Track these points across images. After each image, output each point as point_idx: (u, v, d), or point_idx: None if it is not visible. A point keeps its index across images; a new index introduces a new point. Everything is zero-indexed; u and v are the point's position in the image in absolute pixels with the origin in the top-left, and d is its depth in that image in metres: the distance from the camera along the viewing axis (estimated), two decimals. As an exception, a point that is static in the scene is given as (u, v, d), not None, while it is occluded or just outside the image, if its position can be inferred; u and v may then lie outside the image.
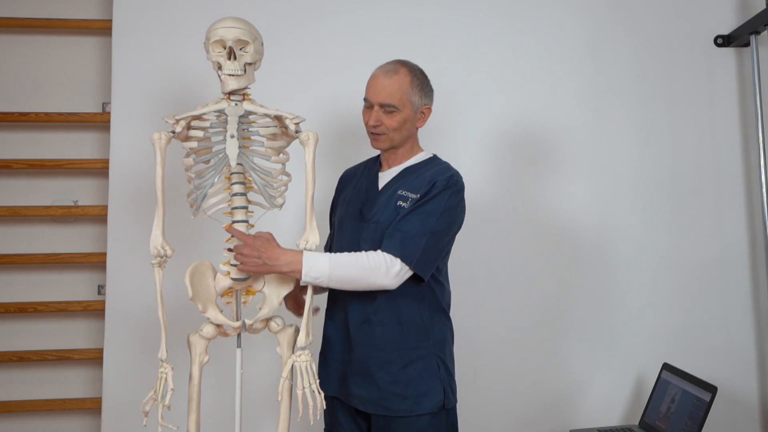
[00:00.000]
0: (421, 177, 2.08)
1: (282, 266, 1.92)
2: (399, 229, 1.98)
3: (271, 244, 1.95)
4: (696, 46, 3.12)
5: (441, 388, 2.05)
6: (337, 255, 1.98)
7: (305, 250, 1.96)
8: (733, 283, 3.04)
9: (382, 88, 2.07)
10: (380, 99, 2.06)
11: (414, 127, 2.15)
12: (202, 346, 2.01)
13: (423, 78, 2.14)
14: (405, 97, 2.07)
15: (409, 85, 2.08)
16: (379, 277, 1.94)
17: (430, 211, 2.00)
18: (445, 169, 2.10)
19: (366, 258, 1.94)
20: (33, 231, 2.92)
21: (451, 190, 2.03)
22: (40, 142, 2.92)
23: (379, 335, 2.05)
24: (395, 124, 2.07)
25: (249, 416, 2.61)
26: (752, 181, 3.07)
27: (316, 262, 1.93)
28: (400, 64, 2.12)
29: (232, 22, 1.95)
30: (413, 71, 2.12)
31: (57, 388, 2.87)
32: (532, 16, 3.05)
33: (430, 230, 1.98)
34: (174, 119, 1.97)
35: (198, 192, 1.98)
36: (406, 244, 1.95)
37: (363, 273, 1.94)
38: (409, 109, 2.09)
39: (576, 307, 2.97)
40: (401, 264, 1.94)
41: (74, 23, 2.92)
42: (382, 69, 2.12)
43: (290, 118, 2.03)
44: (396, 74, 2.08)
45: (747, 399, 2.99)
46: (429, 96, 2.16)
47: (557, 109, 3.02)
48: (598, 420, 2.94)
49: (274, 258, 1.92)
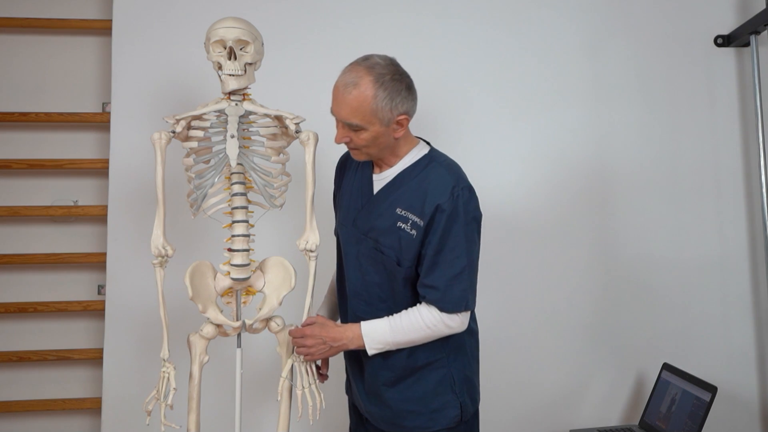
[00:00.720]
0: (419, 190, 1.88)
1: (348, 345, 1.91)
2: (434, 285, 1.84)
3: (328, 328, 1.93)
4: (696, 46, 3.12)
5: (457, 402, 1.94)
6: (395, 319, 1.88)
7: (363, 322, 1.91)
8: (733, 283, 3.04)
9: (342, 105, 1.83)
10: (342, 117, 1.84)
11: (392, 138, 1.89)
12: (202, 346, 2.01)
13: (393, 84, 1.82)
14: (368, 114, 1.81)
15: (372, 100, 1.80)
16: (444, 331, 1.86)
17: (454, 245, 1.83)
18: (445, 180, 1.87)
19: (421, 319, 1.85)
20: (33, 231, 2.92)
21: (461, 202, 1.84)
22: (40, 142, 2.92)
23: (389, 354, 1.93)
24: (364, 142, 1.86)
25: (249, 416, 2.61)
26: (752, 181, 3.07)
27: (377, 333, 1.87)
28: (364, 71, 1.82)
29: (232, 22, 1.96)
30: (378, 80, 1.81)
31: (57, 388, 2.87)
32: (532, 16, 3.05)
33: (465, 264, 1.84)
34: (174, 119, 1.97)
35: (198, 192, 1.98)
36: (450, 296, 1.83)
37: (426, 333, 1.86)
38: (377, 125, 1.83)
39: (576, 307, 2.97)
40: (458, 314, 1.86)
41: (74, 23, 2.92)
42: (342, 79, 1.85)
43: (290, 118, 2.03)
44: (356, 88, 1.80)
45: (747, 399, 2.99)
46: (405, 102, 1.86)
47: (557, 109, 3.02)
48: (598, 420, 2.94)
49: (338, 339, 1.90)
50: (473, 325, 2.03)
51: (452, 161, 1.97)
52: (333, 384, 2.24)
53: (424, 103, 2.91)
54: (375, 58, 1.86)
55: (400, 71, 1.87)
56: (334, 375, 2.24)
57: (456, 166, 1.95)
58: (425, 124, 2.89)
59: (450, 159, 1.98)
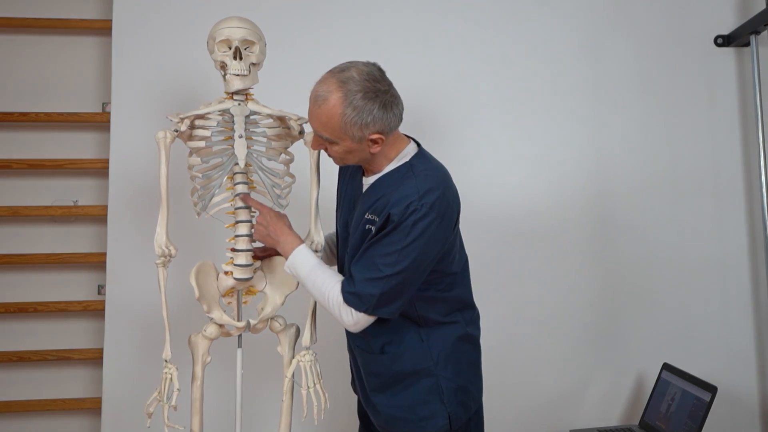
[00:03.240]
0: (386, 197, 1.81)
1: (279, 244, 1.92)
2: (353, 274, 1.80)
3: (281, 221, 1.94)
4: (696, 46, 3.12)
5: (445, 412, 1.89)
6: (319, 270, 1.86)
7: (303, 245, 1.90)
8: (733, 283, 3.05)
9: (312, 117, 1.78)
10: (313, 127, 1.80)
11: (368, 153, 1.81)
12: (205, 347, 2.01)
13: (364, 103, 1.72)
14: (337, 131, 1.75)
15: (339, 117, 1.72)
16: (337, 317, 1.83)
17: (386, 251, 1.75)
18: (408, 192, 1.77)
19: (327, 292, 1.81)
20: (33, 231, 2.91)
21: (412, 218, 1.73)
22: (40, 142, 2.92)
23: (375, 361, 1.92)
24: (337, 154, 1.82)
25: (249, 416, 2.61)
26: (752, 181, 3.08)
27: (300, 261, 1.87)
28: (335, 86, 1.73)
29: (238, 22, 1.96)
30: (348, 97, 1.71)
31: (57, 388, 2.87)
32: (532, 16, 3.05)
33: (389, 272, 1.74)
34: (178, 117, 1.97)
35: (204, 191, 1.98)
36: (359, 291, 1.77)
37: (325, 304, 1.84)
38: (348, 141, 1.76)
39: (576, 307, 2.98)
40: (357, 313, 1.79)
41: (74, 23, 2.91)
42: (315, 90, 1.77)
43: (294, 119, 2.03)
44: (325, 103, 1.73)
45: (747, 399, 3.00)
46: (378, 122, 1.74)
47: (557, 109, 3.02)
48: (598, 420, 2.95)
49: (277, 234, 1.92)
50: (472, 330, 2.00)
51: (432, 170, 1.86)
52: (335, 384, 2.24)
53: (422, 103, 2.95)
54: (352, 71, 1.75)
55: (376, 88, 1.74)
56: (338, 374, 2.24)
57: (434, 175, 1.83)
58: (424, 124, 2.90)
59: (432, 166, 1.88)
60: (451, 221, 1.85)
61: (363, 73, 1.74)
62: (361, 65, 1.78)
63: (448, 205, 1.81)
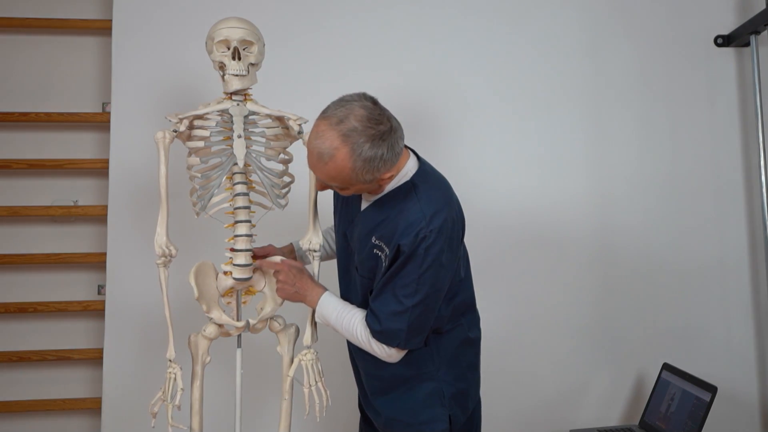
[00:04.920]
0: (393, 222, 1.79)
1: (305, 299, 1.94)
2: (376, 311, 1.80)
3: (304, 275, 1.95)
4: (696, 46, 3.12)
5: (446, 415, 1.91)
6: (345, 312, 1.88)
7: (327, 292, 1.93)
8: (733, 284, 3.05)
9: (318, 171, 1.72)
10: (320, 179, 1.76)
11: (376, 186, 1.80)
12: (204, 347, 2.01)
13: (373, 152, 1.66)
14: (349, 180, 1.71)
15: (350, 171, 1.67)
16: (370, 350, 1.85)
17: (404, 282, 1.75)
18: (415, 219, 1.74)
19: (356, 330, 1.84)
20: (33, 231, 2.91)
21: (423, 246, 1.72)
22: (40, 142, 2.92)
23: (376, 363, 1.91)
24: (349, 193, 1.82)
25: (249, 416, 2.61)
26: (752, 181, 3.08)
27: (326, 310, 1.90)
28: (339, 141, 1.64)
29: (237, 23, 1.96)
30: (356, 151, 1.65)
31: (57, 388, 2.87)
32: (532, 16, 3.05)
33: (411, 304, 1.75)
34: (177, 118, 1.96)
35: (203, 191, 1.97)
36: (386, 329, 1.78)
37: (356, 342, 1.87)
38: (360, 184, 1.74)
39: (576, 307, 2.98)
40: (388, 348, 1.81)
41: (74, 23, 2.92)
42: (315, 146, 1.68)
43: (293, 119, 2.03)
44: (332, 160, 1.66)
45: (747, 399, 3.00)
46: (387, 163, 1.70)
47: (557, 109, 3.02)
48: (598, 420, 2.95)
49: (303, 290, 1.93)
50: (474, 333, 2.01)
51: (435, 189, 1.83)
52: (336, 383, 2.24)
53: (422, 104, 2.95)
54: (351, 120, 1.65)
55: (380, 131, 1.67)
56: (339, 373, 2.24)
57: (437, 195, 1.81)
58: (423, 126, 2.90)
59: (434, 185, 1.85)
60: (459, 239, 1.88)
61: (363, 119, 1.65)
62: (356, 108, 1.67)
63: (454, 224, 1.81)
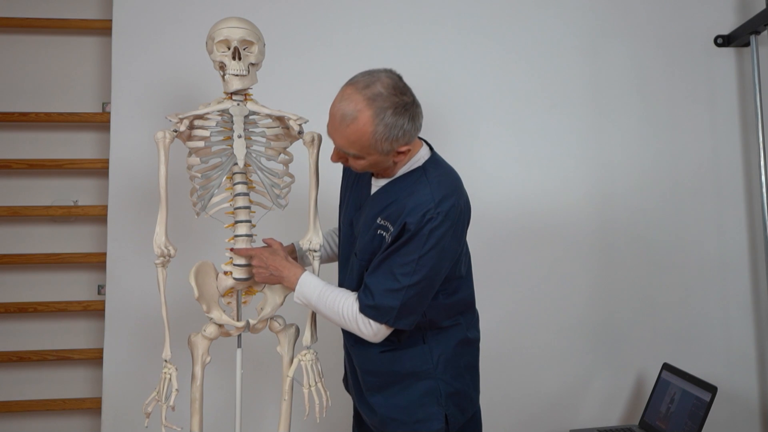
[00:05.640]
0: (399, 203, 1.80)
1: (284, 279, 1.92)
2: (370, 286, 1.78)
3: (277, 256, 1.94)
4: (696, 46, 3.12)
5: (442, 415, 1.88)
6: (328, 290, 1.86)
7: (307, 271, 1.92)
8: (733, 283, 3.05)
9: (338, 135, 1.74)
10: (338, 144, 1.77)
11: (391, 162, 1.81)
12: (204, 347, 2.01)
13: (395, 120, 1.70)
14: (366, 148, 1.73)
15: (370, 135, 1.69)
16: (356, 331, 1.82)
17: (403, 260, 1.74)
18: (424, 200, 1.76)
19: (342, 306, 1.82)
20: (33, 231, 2.91)
21: (429, 227, 1.73)
22: (40, 142, 2.92)
23: (373, 359, 1.91)
24: (361, 167, 1.80)
25: (249, 416, 2.61)
26: (752, 181, 3.08)
27: (308, 288, 1.87)
28: (364, 104, 1.69)
29: (237, 23, 1.96)
30: (379, 115, 1.69)
31: (57, 388, 2.87)
32: (532, 16, 3.05)
33: (407, 283, 1.74)
34: (177, 118, 1.96)
35: (204, 192, 1.98)
36: (378, 304, 1.76)
37: (341, 321, 1.83)
38: (375, 154, 1.75)
39: (576, 306, 2.98)
40: (376, 324, 1.78)
41: (74, 23, 2.91)
42: (340, 108, 1.72)
43: (294, 119, 2.02)
44: (354, 122, 1.69)
45: (747, 399, 3.00)
46: (406, 135, 1.74)
47: (557, 109, 3.02)
48: (598, 420, 2.95)
49: (278, 270, 1.91)
50: (472, 333, 1.99)
51: (446, 176, 1.86)
52: (336, 384, 2.24)
53: (422, 104, 2.92)
54: (378, 86, 1.70)
55: (404, 102, 1.73)
56: (338, 373, 2.24)
57: (447, 182, 1.83)
58: (424, 125, 2.88)
59: (445, 172, 1.87)
60: (464, 229, 1.87)
61: (389, 87, 1.71)
62: (383, 77, 1.73)
63: (461, 212, 1.81)
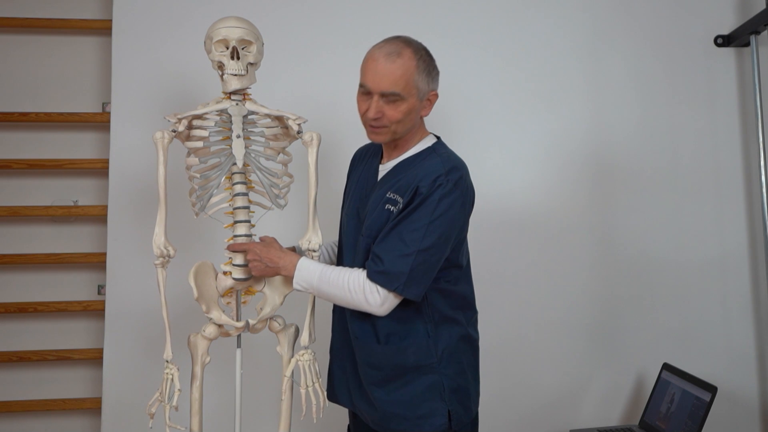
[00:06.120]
0: (410, 175, 1.85)
1: (281, 269, 1.91)
2: (379, 253, 1.79)
3: (271, 248, 1.93)
4: (696, 46, 3.12)
5: (445, 409, 1.87)
6: (329, 269, 1.86)
7: (304, 256, 1.92)
8: (733, 283, 3.04)
9: (383, 75, 1.79)
10: (382, 88, 1.80)
11: (418, 117, 1.90)
12: (204, 347, 2.01)
13: (429, 59, 1.87)
14: (411, 84, 1.81)
15: (414, 69, 1.81)
16: (362, 303, 1.80)
17: (413, 227, 1.77)
18: (435, 168, 1.83)
19: (348, 279, 1.81)
20: (33, 231, 2.91)
21: (439, 193, 1.78)
22: (40, 142, 2.92)
23: (376, 352, 1.89)
24: (399, 116, 1.82)
25: (249, 416, 2.61)
26: (752, 181, 3.07)
27: (307, 271, 1.86)
28: (403, 44, 1.83)
29: (235, 22, 1.95)
30: (418, 52, 1.84)
31: (57, 388, 2.87)
32: (532, 15, 3.05)
33: (417, 248, 1.75)
34: (176, 118, 1.96)
35: (203, 192, 1.98)
36: (388, 269, 1.76)
37: (346, 295, 1.81)
38: (415, 97, 1.83)
39: (576, 307, 2.97)
40: (385, 292, 1.78)
41: (74, 23, 2.91)
42: (381, 50, 1.83)
43: (293, 119, 2.02)
44: (399, 57, 1.80)
45: (747, 399, 3.00)
46: (436, 79, 1.90)
47: (557, 109, 3.02)
48: (598, 420, 2.94)
49: (274, 261, 1.91)
50: (472, 332, 1.99)
51: (453, 156, 1.92)
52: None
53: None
54: (405, 36, 1.89)
55: (429, 52, 1.90)
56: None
57: (456, 160, 1.90)
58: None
59: (453, 154, 1.94)
60: (469, 208, 1.91)
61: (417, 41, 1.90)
62: None
63: (468, 188, 1.88)
